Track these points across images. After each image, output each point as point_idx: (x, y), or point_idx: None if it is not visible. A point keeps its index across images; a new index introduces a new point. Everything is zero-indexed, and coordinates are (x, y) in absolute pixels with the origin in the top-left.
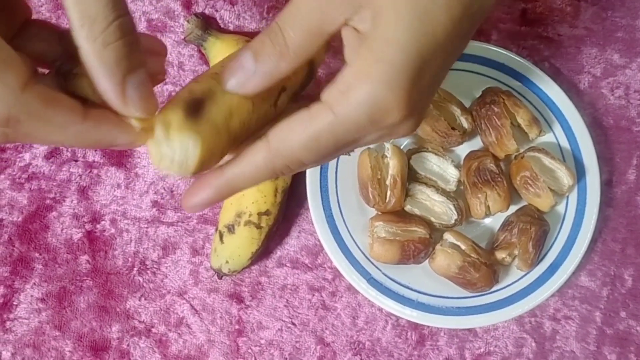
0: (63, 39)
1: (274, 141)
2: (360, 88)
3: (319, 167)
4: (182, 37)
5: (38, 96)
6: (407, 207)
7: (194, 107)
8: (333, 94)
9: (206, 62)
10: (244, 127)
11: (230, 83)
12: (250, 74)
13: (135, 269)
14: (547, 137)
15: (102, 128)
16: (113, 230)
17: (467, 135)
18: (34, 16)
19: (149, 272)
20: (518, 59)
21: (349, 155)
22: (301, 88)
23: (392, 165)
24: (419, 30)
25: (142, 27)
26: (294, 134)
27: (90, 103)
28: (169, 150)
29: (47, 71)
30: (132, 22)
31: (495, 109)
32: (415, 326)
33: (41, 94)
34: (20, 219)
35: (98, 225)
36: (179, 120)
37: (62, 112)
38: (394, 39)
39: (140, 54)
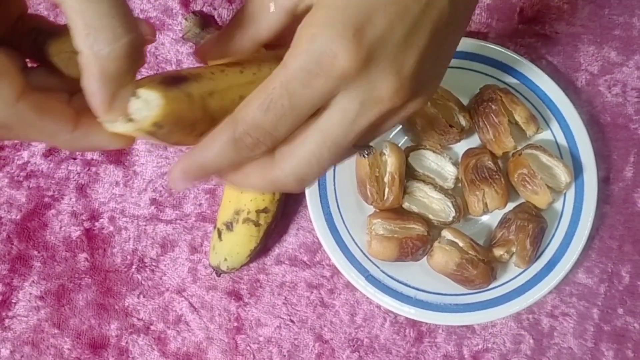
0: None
1: (235, 111)
2: (304, 34)
3: None
4: (180, 35)
5: (31, 107)
6: (405, 205)
7: (173, 80)
8: (286, 52)
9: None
10: (224, 111)
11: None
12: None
13: (134, 266)
14: (545, 135)
15: (92, 136)
16: (111, 228)
17: (464, 133)
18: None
19: (147, 269)
20: (515, 56)
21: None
22: None
23: (390, 162)
24: None
25: None
26: (250, 97)
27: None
28: (134, 104)
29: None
30: (141, 41)
31: (493, 106)
32: (413, 323)
33: (34, 104)
34: (18, 216)
35: (96, 223)
36: (152, 83)
37: (54, 122)
38: None
39: (137, 69)
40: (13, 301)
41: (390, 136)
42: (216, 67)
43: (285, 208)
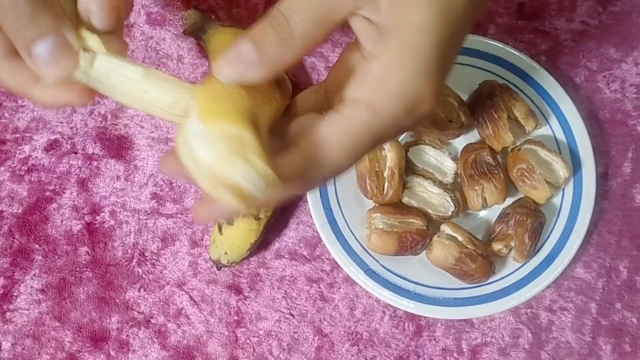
0: None
1: (308, 151)
2: (396, 78)
3: None
4: (182, 30)
5: (4, 71)
6: (405, 199)
7: None
8: (365, 91)
9: (205, 56)
10: None
11: (226, 73)
12: (250, 64)
13: (135, 260)
14: (544, 130)
15: (53, 95)
16: (112, 222)
17: (464, 128)
18: None
19: (148, 263)
20: (515, 52)
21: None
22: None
23: (390, 157)
24: (443, 8)
25: (141, 20)
26: (332, 140)
27: None
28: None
29: None
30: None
31: (492, 102)
32: (412, 317)
33: (7, 68)
34: (20, 210)
35: (97, 217)
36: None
37: (20, 82)
38: (421, 23)
39: (51, 19)
40: (14, 294)
41: None
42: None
43: (285, 202)
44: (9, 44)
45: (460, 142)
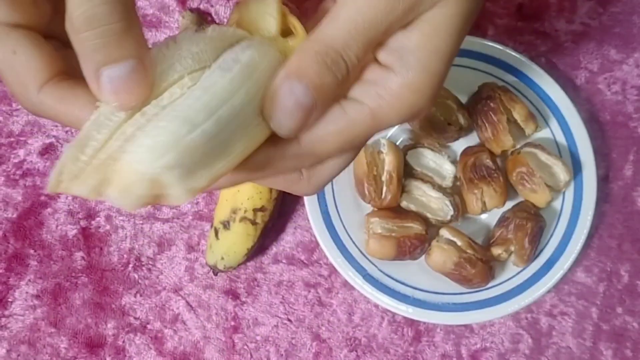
0: None
1: (306, 141)
2: (408, 100)
3: None
4: (177, 32)
5: (52, 97)
6: (403, 203)
7: None
8: (373, 97)
9: None
10: None
11: (285, 125)
12: (309, 112)
13: (131, 265)
14: (544, 133)
15: None
16: (108, 227)
17: (463, 131)
18: None
19: (144, 268)
20: (514, 54)
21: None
22: None
23: (388, 161)
24: (454, 34)
25: None
26: (331, 138)
27: None
28: None
29: None
30: (109, 13)
31: (492, 104)
32: (411, 322)
33: (55, 93)
34: (14, 215)
35: (93, 222)
36: None
37: (73, 110)
38: (441, 48)
39: (128, 46)
40: (9, 300)
41: (388, 135)
42: None
43: (283, 207)
44: (58, 64)
45: (459, 145)
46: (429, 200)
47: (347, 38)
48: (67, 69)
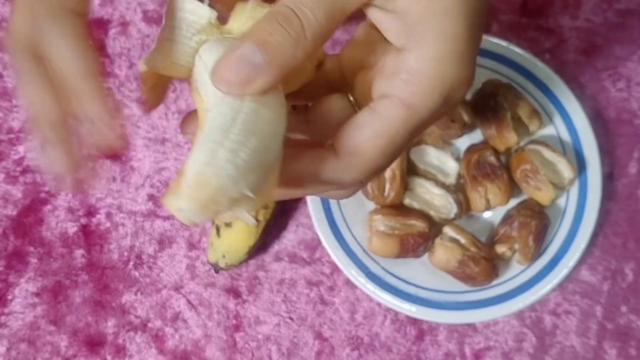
0: None
1: (343, 153)
2: (434, 72)
3: None
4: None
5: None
6: (406, 201)
7: None
8: (399, 86)
9: None
10: None
11: (228, 80)
12: (257, 69)
13: (131, 263)
14: (548, 130)
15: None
16: (108, 224)
17: (467, 128)
18: None
19: (145, 266)
20: (519, 50)
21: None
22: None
23: None
24: None
25: (137, 17)
26: (369, 146)
27: None
28: None
29: None
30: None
31: (496, 101)
32: (414, 321)
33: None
34: (14, 212)
35: (93, 219)
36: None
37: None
38: (450, 8)
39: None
40: (9, 298)
41: None
42: None
43: (285, 204)
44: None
45: (463, 142)
46: (433, 197)
47: None
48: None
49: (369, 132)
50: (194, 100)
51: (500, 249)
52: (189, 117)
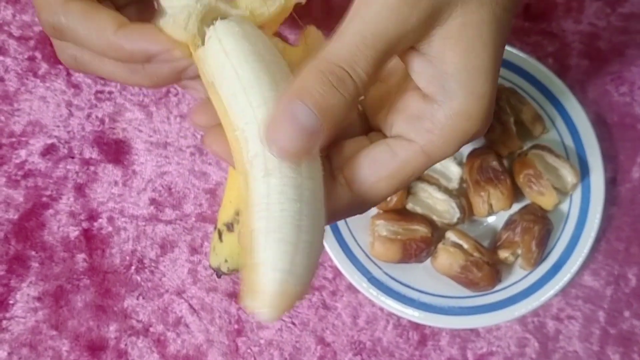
0: None
1: (359, 191)
2: (457, 127)
3: None
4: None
5: (78, 8)
6: (409, 206)
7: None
8: (422, 134)
9: None
10: None
11: (287, 149)
12: (315, 136)
13: (133, 267)
14: (551, 135)
15: (133, 36)
16: (110, 229)
17: None
18: None
19: (146, 270)
20: (521, 55)
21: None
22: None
23: None
24: (490, 45)
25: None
26: (383, 183)
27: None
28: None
29: None
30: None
31: (499, 106)
32: (416, 326)
33: (81, 6)
34: (16, 216)
35: (95, 223)
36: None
37: (97, 22)
38: (485, 67)
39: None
40: (11, 302)
41: None
42: None
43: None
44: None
45: (465, 147)
46: (435, 202)
47: (354, 53)
48: None
49: (385, 172)
50: (208, 91)
51: (503, 254)
52: (200, 108)
